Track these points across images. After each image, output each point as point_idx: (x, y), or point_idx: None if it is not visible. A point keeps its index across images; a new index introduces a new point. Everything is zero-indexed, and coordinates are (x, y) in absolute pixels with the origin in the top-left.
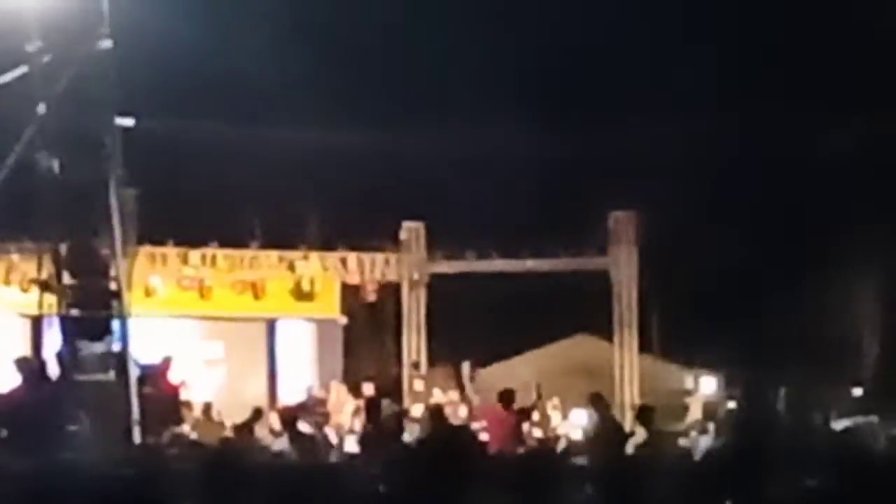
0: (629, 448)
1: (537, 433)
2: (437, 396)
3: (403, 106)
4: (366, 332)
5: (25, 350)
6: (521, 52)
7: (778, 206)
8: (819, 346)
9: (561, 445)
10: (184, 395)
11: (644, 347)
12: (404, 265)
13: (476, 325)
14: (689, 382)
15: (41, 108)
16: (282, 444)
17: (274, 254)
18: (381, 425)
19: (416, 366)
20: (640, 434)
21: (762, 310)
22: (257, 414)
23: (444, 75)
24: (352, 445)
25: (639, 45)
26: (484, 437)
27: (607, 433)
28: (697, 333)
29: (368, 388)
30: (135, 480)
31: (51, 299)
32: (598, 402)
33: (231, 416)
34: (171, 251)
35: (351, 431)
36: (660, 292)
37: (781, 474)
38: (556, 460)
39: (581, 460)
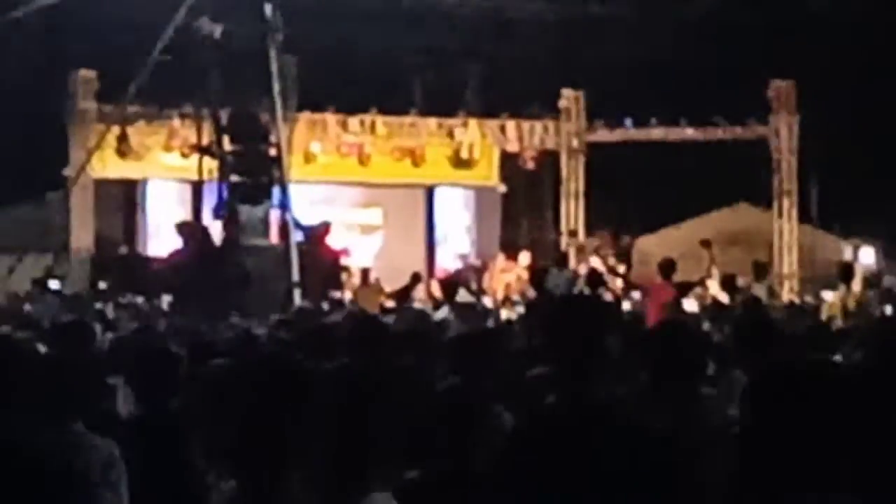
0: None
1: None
2: (596, 264)
3: None
4: (524, 201)
5: (186, 215)
6: None
7: None
8: None
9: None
10: (343, 261)
11: (803, 217)
12: (563, 133)
13: (634, 193)
14: (847, 253)
15: None
16: (443, 312)
17: (433, 121)
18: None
19: (573, 234)
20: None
21: None
22: (415, 279)
23: None
24: (510, 314)
25: None
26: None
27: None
28: (858, 203)
29: (525, 257)
30: (295, 344)
31: (211, 165)
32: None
33: (388, 282)
34: (330, 117)
35: (509, 300)
36: (820, 161)
37: None
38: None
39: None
